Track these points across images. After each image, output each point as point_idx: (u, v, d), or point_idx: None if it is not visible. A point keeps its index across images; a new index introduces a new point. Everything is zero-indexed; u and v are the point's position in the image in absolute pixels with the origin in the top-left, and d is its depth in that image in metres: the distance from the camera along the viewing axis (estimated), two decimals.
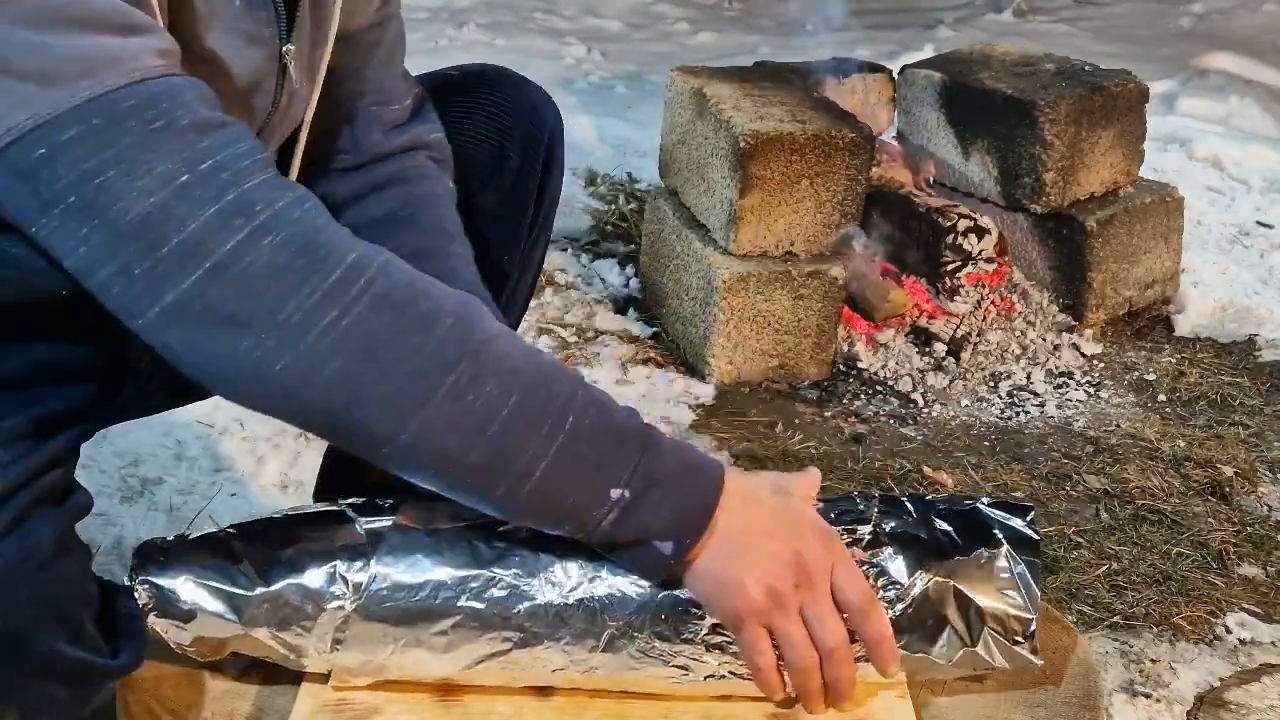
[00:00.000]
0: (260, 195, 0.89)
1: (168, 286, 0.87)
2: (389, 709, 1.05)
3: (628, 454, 0.96)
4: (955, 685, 1.12)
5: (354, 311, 0.88)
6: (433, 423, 0.90)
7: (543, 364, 0.96)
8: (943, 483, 2.18)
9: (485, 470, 0.93)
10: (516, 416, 0.92)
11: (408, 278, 0.93)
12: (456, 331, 0.92)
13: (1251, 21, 5.72)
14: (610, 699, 1.08)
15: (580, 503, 0.95)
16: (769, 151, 2.44)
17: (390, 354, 0.89)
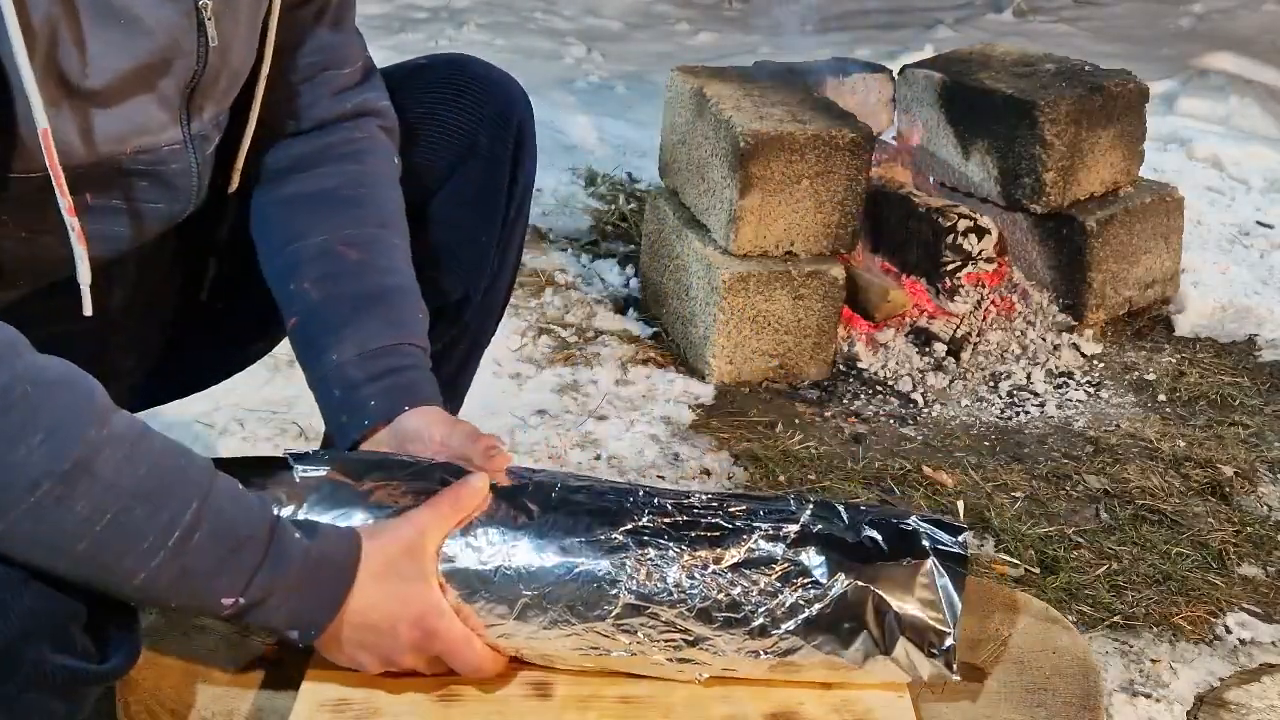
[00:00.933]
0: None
1: None
2: (389, 709, 1.05)
3: (244, 563, 0.96)
4: (955, 685, 1.12)
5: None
6: (10, 537, 0.89)
7: (159, 474, 0.94)
8: (943, 483, 2.18)
9: (80, 576, 0.93)
10: (109, 534, 0.91)
11: (3, 386, 0.89)
12: (46, 449, 0.88)
13: (1251, 21, 5.72)
14: (611, 700, 1.08)
15: (193, 605, 0.98)
16: (769, 151, 2.44)
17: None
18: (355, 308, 1.21)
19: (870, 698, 1.08)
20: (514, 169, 1.43)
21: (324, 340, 1.21)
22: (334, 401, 1.20)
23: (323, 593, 1.01)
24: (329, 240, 1.24)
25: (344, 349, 1.20)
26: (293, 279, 1.23)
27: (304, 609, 1.00)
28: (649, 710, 1.06)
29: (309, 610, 1.01)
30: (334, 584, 1.01)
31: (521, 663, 1.10)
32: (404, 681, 1.08)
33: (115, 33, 1.02)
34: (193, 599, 0.97)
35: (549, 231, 3.18)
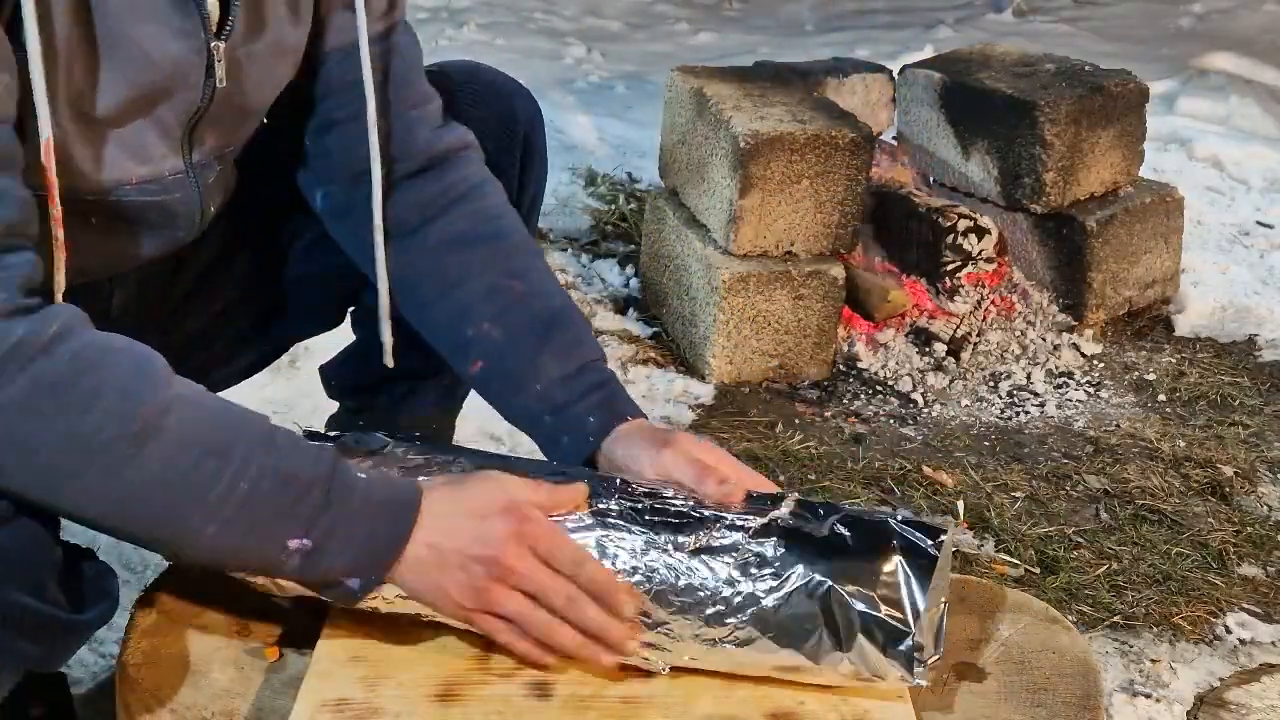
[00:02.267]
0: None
1: None
2: (389, 709, 1.05)
3: (307, 507, 1.00)
4: (955, 685, 1.12)
5: (7, 390, 0.91)
6: (87, 498, 0.94)
7: (221, 429, 0.99)
8: (943, 483, 2.18)
9: (149, 533, 0.99)
10: (181, 489, 0.96)
11: (73, 354, 0.94)
12: (116, 412, 0.94)
13: (1251, 21, 5.72)
14: (611, 700, 1.08)
15: (257, 557, 1.01)
16: (769, 151, 2.44)
17: (42, 435, 0.92)
18: (539, 336, 1.24)
19: (870, 698, 1.08)
20: (521, 178, 1.43)
21: (521, 372, 1.23)
22: (547, 427, 1.23)
23: (386, 530, 1.02)
24: (491, 279, 1.26)
25: (544, 376, 1.23)
26: (469, 324, 1.26)
27: (367, 548, 1.02)
28: (649, 710, 1.07)
29: (374, 549, 1.02)
30: (397, 521, 1.02)
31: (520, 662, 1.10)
32: (404, 681, 1.08)
33: (124, 63, 1.04)
34: (260, 549, 0.99)
35: (549, 231, 3.18)
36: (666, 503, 1.10)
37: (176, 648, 1.11)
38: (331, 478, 1.01)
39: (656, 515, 1.09)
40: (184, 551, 1.00)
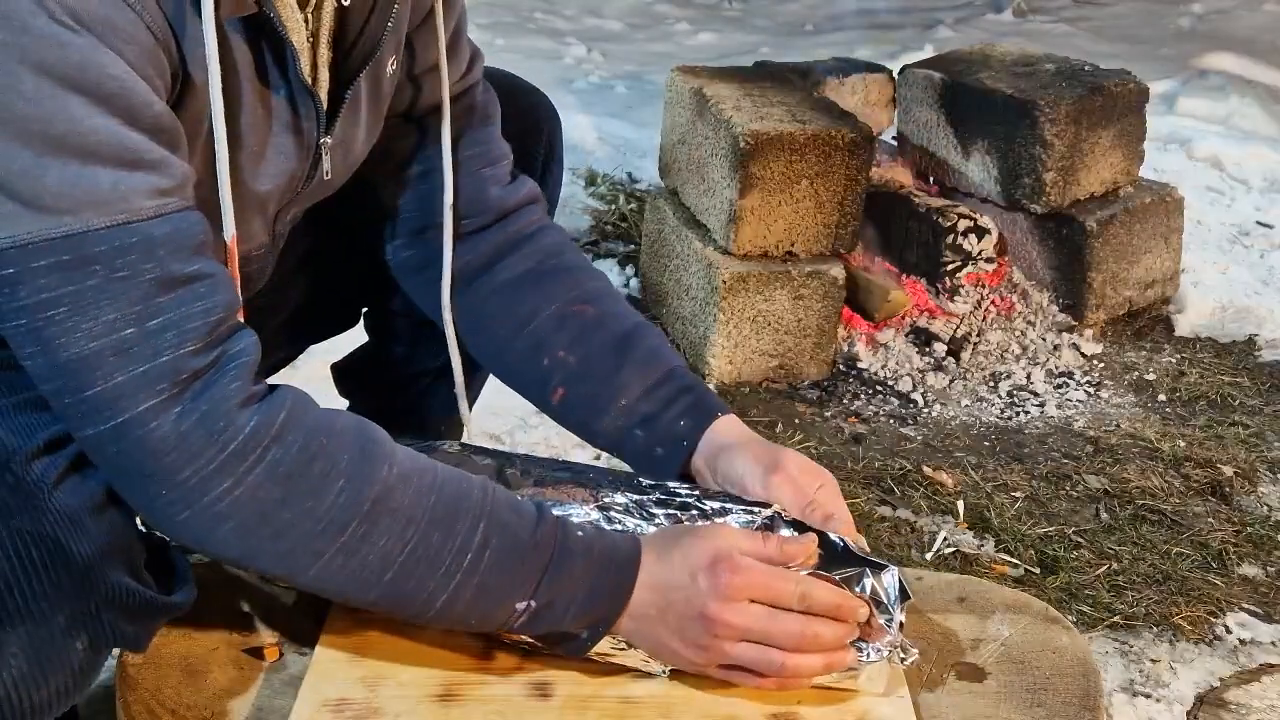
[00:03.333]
0: (190, 363, 0.94)
1: (86, 426, 0.93)
2: (389, 709, 1.05)
3: (531, 571, 1.02)
4: (955, 685, 1.12)
5: (245, 482, 0.94)
6: (327, 575, 0.98)
7: (446, 500, 1.01)
8: (943, 483, 2.18)
9: (387, 605, 1.03)
10: (412, 563, 0.99)
11: (303, 440, 0.97)
12: (348, 493, 0.97)
13: (1251, 21, 5.72)
14: (611, 700, 1.08)
15: (486, 618, 1.04)
16: (769, 151, 2.44)
17: (280, 520, 0.96)
18: (617, 353, 1.25)
19: (870, 698, 1.08)
20: (542, 182, 1.44)
21: (604, 393, 1.25)
22: (639, 443, 1.23)
23: (608, 586, 1.04)
24: (562, 307, 1.28)
25: (629, 392, 1.24)
26: (545, 354, 1.27)
27: (592, 605, 1.03)
28: (649, 710, 1.07)
29: (597, 605, 1.04)
30: (619, 576, 1.04)
31: (519, 658, 1.10)
32: (404, 681, 1.08)
33: (238, 151, 1.06)
34: (488, 612, 1.03)
35: None
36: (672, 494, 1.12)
37: (176, 648, 1.11)
38: (553, 540, 1.03)
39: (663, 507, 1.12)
40: (420, 617, 1.04)
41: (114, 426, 0.92)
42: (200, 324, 0.94)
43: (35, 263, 0.89)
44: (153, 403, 0.92)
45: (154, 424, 0.92)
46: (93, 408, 0.92)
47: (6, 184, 0.88)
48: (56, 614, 0.94)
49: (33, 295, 0.90)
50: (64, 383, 0.92)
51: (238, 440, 0.94)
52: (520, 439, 2.26)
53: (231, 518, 0.94)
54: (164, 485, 0.93)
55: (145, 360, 0.92)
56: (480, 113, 1.32)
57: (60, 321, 0.90)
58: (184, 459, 0.93)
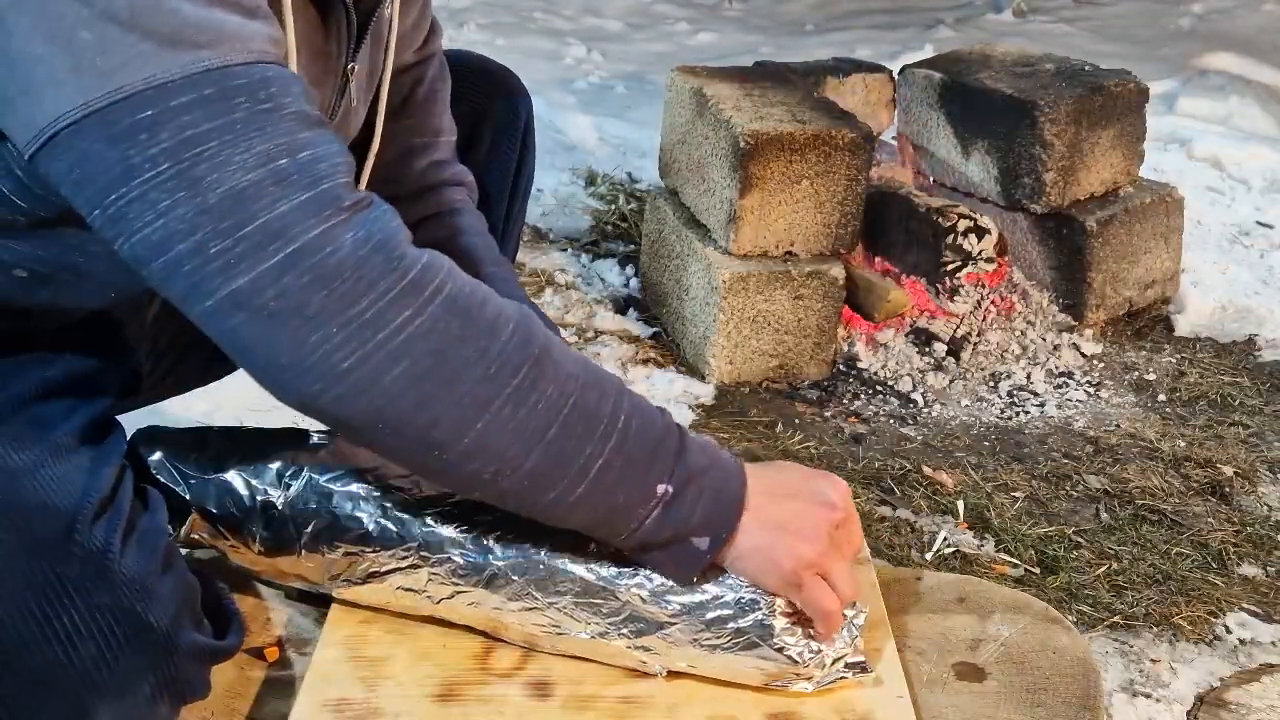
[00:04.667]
0: (348, 194, 0.89)
1: (243, 268, 0.85)
2: (389, 709, 1.05)
3: (668, 451, 0.99)
4: (955, 685, 1.12)
5: (426, 312, 0.89)
6: (494, 428, 0.92)
7: (590, 368, 0.99)
8: (943, 483, 2.18)
9: (541, 475, 0.95)
10: (573, 420, 0.94)
11: (473, 284, 0.94)
12: (518, 337, 0.93)
13: (1251, 21, 5.72)
14: (611, 700, 1.08)
15: (629, 499, 0.98)
16: (769, 151, 2.44)
17: (458, 357, 0.90)
18: None
19: (870, 698, 1.08)
20: (519, 163, 1.45)
21: None
22: None
23: (726, 485, 1.02)
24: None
25: None
26: None
27: (714, 501, 1.01)
28: (649, 711, 1.07)
29: (718, 501, 1.01)
30: (732, 477, 1.03)
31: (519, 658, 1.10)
32: (404, 681, 1.08)
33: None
34: (633, 489, 0.98)
35: (549, 231, 3.19)
36: None
37: None
38: (679, 427, 1.02)
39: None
40: (572, 491, 0.96)
41: (285, 257, 0.85)
42: (343, 161, 0.91)
43: (176, 100, 0.84)
44: (325, 227, 0.87)
45: (330, 248, 0.86)
46: (255, 243, 0.85)
47: (136, 22, 0.83)
48: (142, 684, 0.94)
49: (176, 134, 0.84)
50: (218, 225, 0.85)
51: (416, 269, 0.89)
52: None
53: (407, 355, 0.88)
54: (335, 322, 0.86)
55: (306, 188, 0.87)
56: (428, 87, 1.32)
57: (210, 157, 0.84)
58: (362, 286, 0.87)
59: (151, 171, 0.84)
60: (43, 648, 0.90)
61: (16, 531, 0.92)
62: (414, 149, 1.31)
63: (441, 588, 1.10)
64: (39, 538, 0.92)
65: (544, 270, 2.95)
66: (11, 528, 0.92)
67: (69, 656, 0.90)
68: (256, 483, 1.13)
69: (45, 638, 0.90)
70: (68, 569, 0.92)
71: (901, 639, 1.17)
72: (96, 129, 0.83)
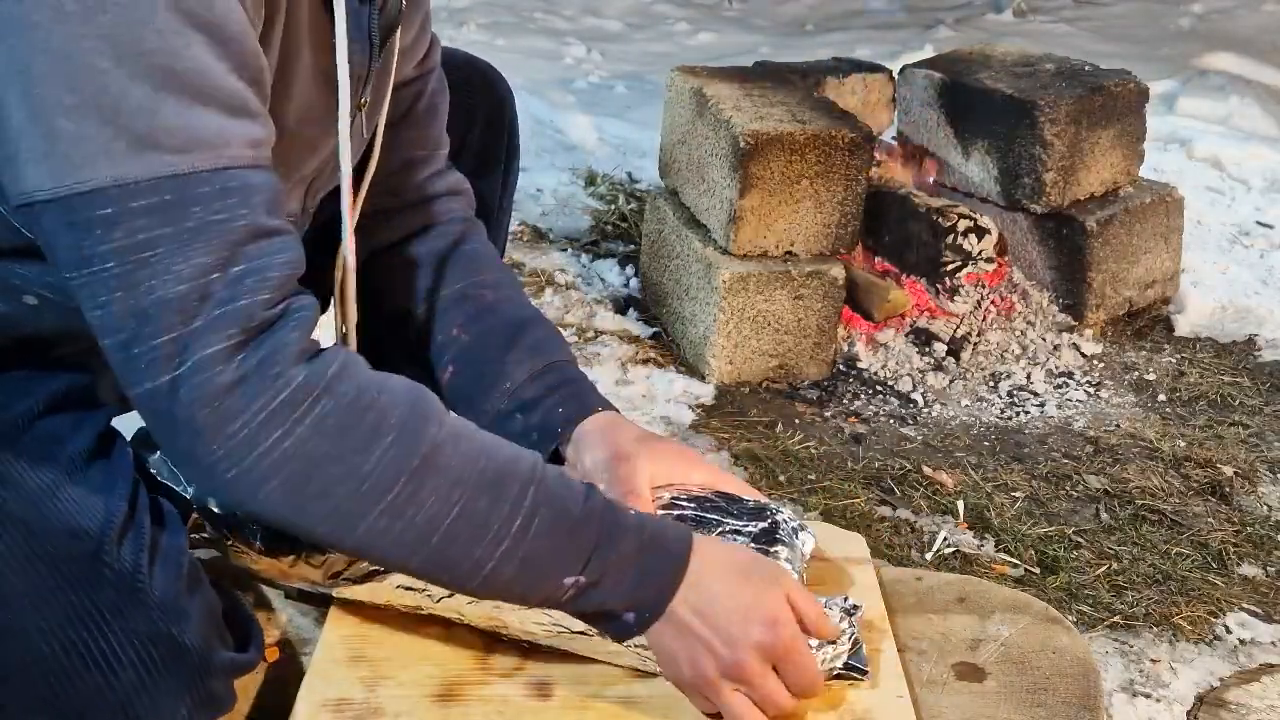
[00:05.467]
0: (261, 313, 0.92)
1: (152, 373, 0.90)
2: (389, 709, 1.05)
3: (582, 545, 1.00)
4: (955, 685, 1.12)
5: (295, 434, 0.92)
6: (372, 536, 0.95)
7: (496, 465, 0.99)
8: (943, 483, 2.18)
9: (432, 571, 1.00)
10: (459, 526, 0.96)
11: (355, 393, 0.95)
12: (396, 449, 0.95)
13: (1251, 21, 5.72)
14: (611, 700, 1.08)
15: (533, 591, 1.01)
16: (769, 151, 2.44)
17: (328, 475, 0.93)
18: (509, 338, 1.26)
19: (870, 698, 1.08)
20: (507, 160, 1.45)
21: (490, 375, 1.25)
22: (518, 426, 1.23)
23: (659, 569, 1.02)
24: (464, 289, 1.30)
25: (514, 377, 1.24)
26: (441, 330, 1.28)
27: (641, 586, 1.01)
28: (649, 711, 1.06)
29: (646, 587, 1.01)
30: (669, 561, 1.02)
31: (519, 658, 1.10)
32: (404, 681, 1.08)
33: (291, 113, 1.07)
34: (535, 583, 1.00)
35: (549, 231, 3.18)
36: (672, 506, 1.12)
37: None
38: (603, 515, 1.02)
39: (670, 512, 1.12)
40: (464, 586, 1.01)
41: (175, 376, 0.90)
42: (277, 275, 0.93)
43: (135, 202, 0.87)
44: (218, 348, 0.90)
45: (216, 369, 0.90)
46: (161, 355, 0.89)
47: (117, 119, 0.86)
48: (180, 706, 0.95)
49: (129, 236, 0.87)
50: (138, 330, 0.89)
51: (289, 389, 0.92)
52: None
53: (278, 473, 0.92)
54: (215, 440, 0.91)
55: (222, 304, 0.90)
56: (428, 100, 1.33)
57: (153, 264, 0.88)
58: (237, 408, 0.90)
59: (99, 266, 0.88)
60: (84, 676, 0.91)
61: (47, 559, 0.95)
62: (415, 161, 1.32)
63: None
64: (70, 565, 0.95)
65: (544, 270, 2.95)
66: (42, 555, 0.95)
67: (109, 683, 0.92)
68: None
69: (86, 666, 0.91)
70: (101, 595, 0.94)
71: (901, 639, 1.17)
72: (59, 214, 0.87)
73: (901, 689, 1.09)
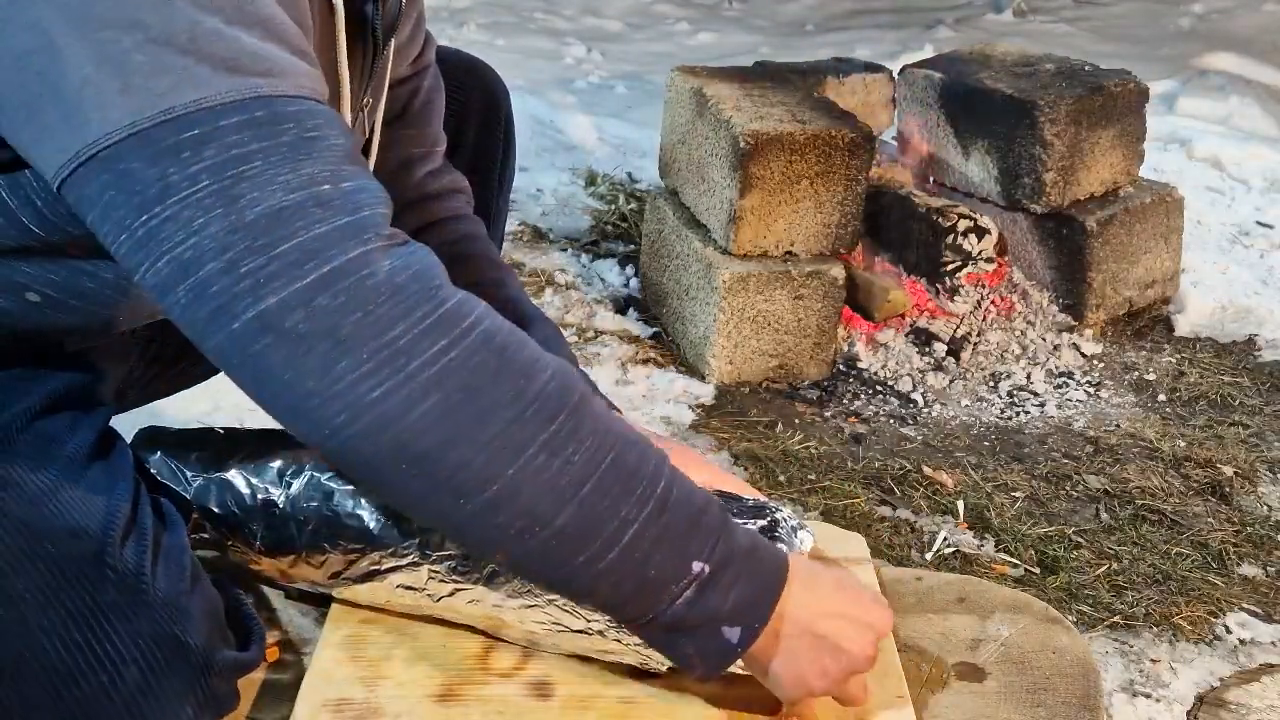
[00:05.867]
0: (387, 227, 0.88)
1: (275, 286, 0.82)
2: (389, 709, 1.05)
3: (710, 525, 0.94)
4: (955, 685, 1.12)
5: (462, 344, 0.85)
6: (526, 477, 0.86)
7: (630, 428, 0.95)
8: (943, 483, 2.18)
9: (570, 536, 0.89)
10: (610, 478, 0.89)
11: (511, 327, 0.91)
12: (556, 382, 0.89)
13: (1251, 21, 5.72)
14: (610, 700, 1.08)
15: (661, 574, 0.92)
16: (769, 151, 2.44)
17: (493, 395, 0.86)
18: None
19: (870, 698, 1.08)
20: (502, 162, 1.45)
21: None
22: None
23: (766, 573, 0.97)
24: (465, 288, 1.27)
25: None
26: None
27: (751, 588, 0.96)
28: (649, 711, 1.06)
29: (756, 590, 0.96)
30: (774, 565, 0.98)
31: (519, 658, 1.10)
32: (404, 681, 1.08)
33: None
34: (667, 562, 0.92)
35: (549, 231, 3.18)
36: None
37: None
38: (723, 505, 0.98)
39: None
40: (602, 557, 0.90)
41: (320, 276, 0.82)
42: (384, 198, 0.90)
43: (225, 120, 0.83)
44: (363, 250, 0.84)
45: (367, 271, 0.84)
46: (291, 261, 0.82)
47: (194, 47, 0.83)
48: (185, 706, 0.95)
49: (221, 152, 0.82)
50: (251, 242, 0.82)
51: (452, 301, 0.87)
52: None
53: (439, 388, 0.84)
54: (366, 348, 0.83)
55: (349, 213, 0.85)
56: (424, 97, 1.33)
57: (253, 176, 0.82)
58: (398, 312, 0.84)
59: (189, 190, 0.82)
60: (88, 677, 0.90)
61: (50, 560, 0.92)
62: (413, 159, 1.32)
63: (441, 585, 1.10)
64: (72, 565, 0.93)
65: (544, 270, 2.95)
66: (44, 556, 0.92)
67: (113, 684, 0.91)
68: (258, 481, 1.13)
69: (90, 666, 0.90)
70: (104, 595, 0.92)
71: (901, 639, 1.17)
72: (139, 149, 0.81)
73: (901, 689, 1.09)
